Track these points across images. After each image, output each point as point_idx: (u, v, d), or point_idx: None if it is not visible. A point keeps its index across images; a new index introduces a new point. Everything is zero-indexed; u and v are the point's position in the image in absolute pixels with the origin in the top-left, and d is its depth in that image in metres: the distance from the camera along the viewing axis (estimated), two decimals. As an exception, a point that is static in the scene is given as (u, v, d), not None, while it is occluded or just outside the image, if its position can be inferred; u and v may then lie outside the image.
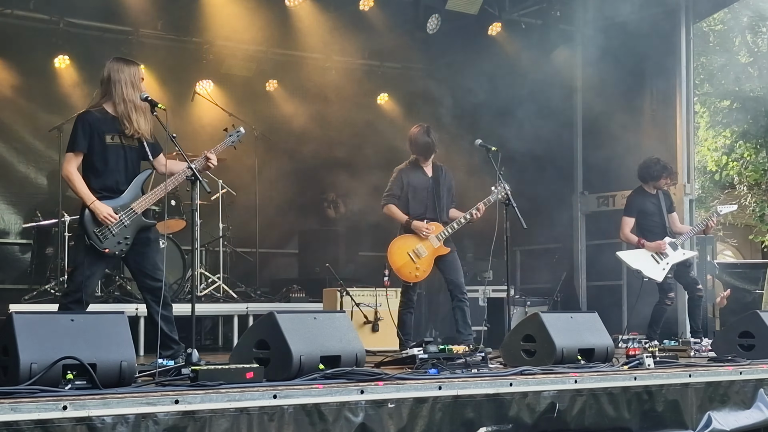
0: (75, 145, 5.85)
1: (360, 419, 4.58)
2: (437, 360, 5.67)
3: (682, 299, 9.42)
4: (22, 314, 4.38)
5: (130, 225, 5.89)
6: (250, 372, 4.65)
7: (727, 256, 22.35)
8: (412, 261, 7.56)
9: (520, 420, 5.16)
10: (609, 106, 10.59)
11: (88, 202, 5.79)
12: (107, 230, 5.81)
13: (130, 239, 5.90)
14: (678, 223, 8.99)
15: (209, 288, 9.57)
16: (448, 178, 7.83)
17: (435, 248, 7.61)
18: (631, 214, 8.79)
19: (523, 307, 9.89)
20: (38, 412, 3.74)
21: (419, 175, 7.74)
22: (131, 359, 4.47)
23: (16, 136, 10.23)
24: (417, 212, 7.67)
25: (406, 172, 7.76)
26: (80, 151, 5.85)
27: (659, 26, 10.32)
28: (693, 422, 5.84)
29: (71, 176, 5.84)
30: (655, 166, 8.76)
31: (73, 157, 5.85)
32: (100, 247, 5.79)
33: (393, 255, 7.64)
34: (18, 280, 9.91)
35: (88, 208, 5.80)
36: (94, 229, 5.79)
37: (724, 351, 6.93)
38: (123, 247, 5.89)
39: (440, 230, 7.62)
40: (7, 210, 10.22)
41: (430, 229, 7.56)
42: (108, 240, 5.81)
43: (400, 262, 7.61)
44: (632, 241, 8.71)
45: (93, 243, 5.78)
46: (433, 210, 7.68)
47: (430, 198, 7.69)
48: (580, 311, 9.42)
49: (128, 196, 5.94)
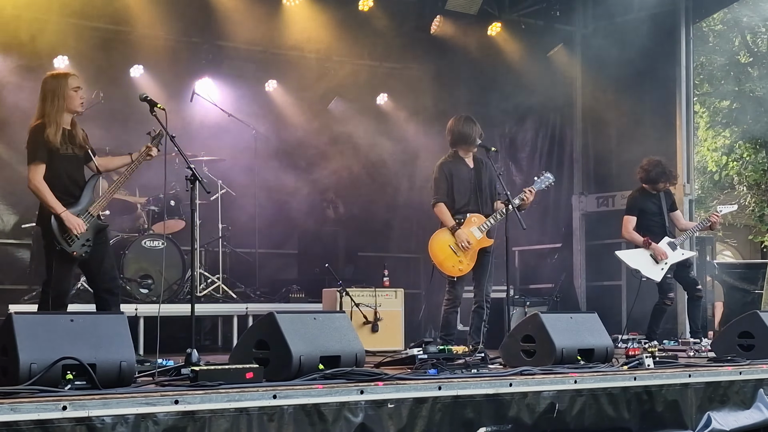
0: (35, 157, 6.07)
1: (360, 419, 4.58)
2: (437, 360, 5.67)
3: (682, 299, 9.42)
4: (22, 314, 4.39)
5: (89, 228, 6.13)
6: (249, 372, 4.65)
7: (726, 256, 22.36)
8: (455, 254, 7.40)
9: (519, 420, 5.16)
10: (608, 107, 10.60)
11: (58, 211, 6.01)
12: (71, 238, 6.04)
13: (92, 241, 6.14)
14: (682, 221, 8.97)
15: (209, 288, 9.56)
16: (489, 170, 7.63)
17: (478, 240, 7.43)
18: (632, 212, 8.78)
19: (523, 307, 9.87)
20: (38, 413, 3.74)
21: (461, 167, 7.56)
22: (131, 359, 4.47)
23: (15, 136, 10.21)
24: (460, 204, 7.51)
25: (447, 165, 7.58)
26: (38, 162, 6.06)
27: (659, 26, 10.32)
28: (692, 422, 5.84)
29: (38, 186, 6.05)
30: (654, 170, 8.73)
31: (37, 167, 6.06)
32: (69, 251, 6.02)
33: (434, 249, 7.48)
34: (17, 280, 9.89)
35: (56, 216, 6.01)
36: (62, 235, 6.02)
37: (723, 351, 6.92)
38: (87, 249, 6.12)
39: (482, 222, 7.46)
40: (6, 210, 10.20)
41: (467, 245, 7.35)
42: (75, 243, 6.05)
43: (441, 256, 7.45)
44: (636, 239, 8.67)
45: (63, 248, 6.00)
46: (476, 202, 7.53)
47: (473, 190, 7.53)
48: (580, 311, 9.42)
49: (85, 200, 6.20)
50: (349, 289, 8.89)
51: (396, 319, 9.02)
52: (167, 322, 8.13)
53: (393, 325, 8.83)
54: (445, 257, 7.44)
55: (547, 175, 7.61)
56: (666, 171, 8.78)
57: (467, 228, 7.44)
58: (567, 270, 10.86)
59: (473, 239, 7.42)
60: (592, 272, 10.99)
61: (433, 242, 7.52)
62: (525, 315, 9.18)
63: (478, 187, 7.57)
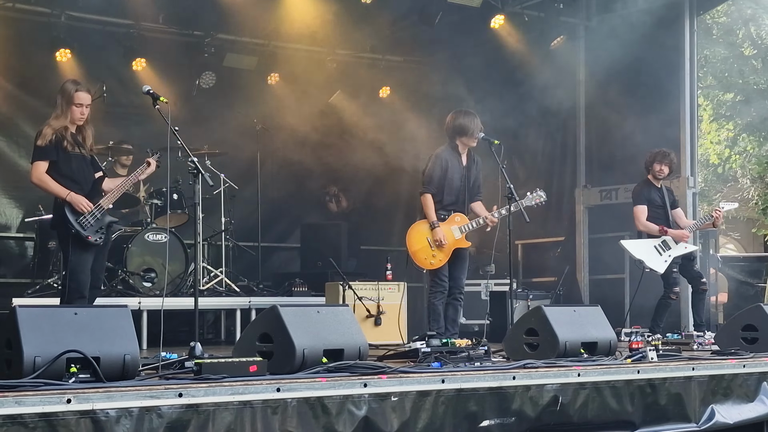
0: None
1: (363, 412, 4.58)
2: (440, 353, 5.67)
3: (685, 293, 9.42)
4: (26, 308, 4.38)
5: (101, 219, 6.32)
6: (253, 365, 4.65)
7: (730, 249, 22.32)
8: (430, 247, 7.40)
9: (523, 413, 5.16)
10: (612, 99, 10.57)
11: (63, 194, 6.23)
12: (85, 219, 6.23)
13: (104, 230, 6.33)
14: (683, 218, 8.95)
15: (212, 282, 9.57)
16: (477, 170, 7.64)
17: (456, 240, 7.43)
18: (642, 202, 8.73)
19: (526, 300, 9.87)
20: (42, 406, 3.74)
21: (455, 162, 7.52)
22: (135, 353, 4.48)
23: (18, 130, 10.22)
24: (448, 201, 7.50)
25: (444, 157, 7.52)
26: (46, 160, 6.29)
27: (662, 18, 10.28)
28: (696, 415, 5.84)
29: (42, 179, 6.28)
30: (655, 152, 8.74)
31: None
32: (84, 234, 6.18)
33: (411, 238, 7.48)
34: (20, 274, 9.91)
35: (64, 200, 6.22)
36: (76, 218, 6.21)
37: (727, 344, 6.92)
38: (100, 236, 6.30)
39: (465, 223, 7.47)
40: (8, 204, 10.21)
41: (442, 245, 7.35)
42: (89, 228, 6.24)
43: (417, 246, 7.44)
44: (652, 229, 8.62)
45: (78, 231, 6.17)
46: (463, 203, 7.53)
47: (462, 189, 7.53)
48: (583, 305, 9.42)
49: (94, 196, 6.41)
50: (351, 283, 8.89)
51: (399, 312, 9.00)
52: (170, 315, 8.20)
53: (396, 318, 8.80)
54: (420, 248, 7.44)
55: (539, 193, 7.55)
56: (661, 151, 8.76)
57: (448, 226, 7.44)
58: (570, 263, 10.86)
59: (450, 238, 7.42)
60: (595, 265, 10.97)
61: (412, 231, 7.52)
62: (528, 308, 9.18)
63: (468, 186, 7.57)
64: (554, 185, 10.95)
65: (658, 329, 8.48)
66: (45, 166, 6.25)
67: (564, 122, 11.28)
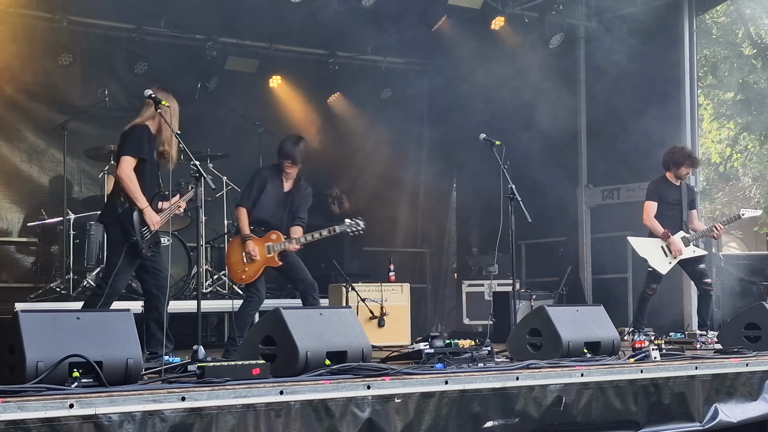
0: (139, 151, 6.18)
1: (367, 414, 4.58)
2: (443, 354, 5.67)
3: (688, 291, 9.40)
4: (28, 313, 4.39)
5: (155, 235, 6.33)
6: (256, 368, 4.65)
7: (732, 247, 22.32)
8: (243, 262, 7.37)
9: (526, 414, 5.16)
10: (612, 99, 10.56)
11: (142, 205, 6.16)
12: (148, 231, 6.21)
13: (154, 247, 6.32)
14: (696, 221, 8.82)
15: (214, 285, 9.57)
16: (301, 196, 7.64)
17: (267, 258, 7.37)
18: (653, 198, 8.66)
19: (529, 300, 9.86)
20: (45, 411, 3.74)
21: (277, 184, 7.51)
22: (137, 357, 4.48)
23: (19, 135, 10.23)
24: (262, 217, 7.44)
25: (264, 174, 7.54)
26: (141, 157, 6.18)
27: (662, 18, 10.28)
28: (700, 414, 5.84)
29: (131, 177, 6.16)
30: (679, 153, 8.67)
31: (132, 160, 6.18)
32: (141, 245, 6.16)
33: (231, 250, 7.50)
34: (22, 278, 9.91)
35: (140, 210, 6.15)
36: (141, 228, 6.17)
37: (730, 343, 6.92)
38: (152, 251, 6.29)
39: (280, 241, 7.40)
40: (11, 209, 10.21)
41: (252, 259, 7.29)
42: (146, 240, 6.22)
43: (232, 259, 7.45)
44: (657, 228, 8.55)
45: (137, 240, 6.12)
46: (280, 223, 7.48)
47: (279, 210, 7.50)
48: (586, 304, 9.41)
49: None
50: (355, 285, 8.89)
51: (402, 313, 9.02)
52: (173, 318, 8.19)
53: (399, 319, 8.82)
54: (235, 261, 7.42)
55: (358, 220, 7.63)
56: (691, 155, 8.74)
57: (263, 243, 7.39)
58: (573, 263, 10.85)
59: (261, 255, 7.35)
60: (598, 265, 10.97)
61: (232, 244, 7.55)
62: (531, 308, 9.18)
63: (288, 209, 7.52)
64: (556, 185, 10.93)
65: (641, 326, 8.40)
66: (134, 163, 6.15)
67: (565, 122, 11.27)
